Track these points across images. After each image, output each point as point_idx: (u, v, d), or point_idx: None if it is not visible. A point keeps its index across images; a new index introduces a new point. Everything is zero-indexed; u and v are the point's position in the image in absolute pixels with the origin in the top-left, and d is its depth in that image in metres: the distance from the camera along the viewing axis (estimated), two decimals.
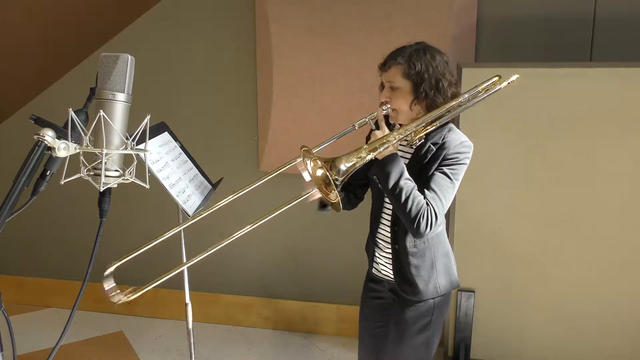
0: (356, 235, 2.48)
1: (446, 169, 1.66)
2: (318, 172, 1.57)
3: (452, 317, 2.80)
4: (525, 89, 2.38)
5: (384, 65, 1.73)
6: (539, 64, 2.53)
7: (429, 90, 1.65)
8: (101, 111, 1.05)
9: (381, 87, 1.76)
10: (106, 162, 1.06)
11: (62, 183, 1.04)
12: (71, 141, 1.05)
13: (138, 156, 1.10)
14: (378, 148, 1.58)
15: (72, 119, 1.04)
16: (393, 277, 1.85)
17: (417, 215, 1.59)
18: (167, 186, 2.09)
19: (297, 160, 1.68)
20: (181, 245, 2.32)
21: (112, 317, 3.53)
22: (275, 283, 3.39)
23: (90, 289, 3.96)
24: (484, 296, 2.74)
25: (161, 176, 2.08)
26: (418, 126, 1.64)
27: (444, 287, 1.82)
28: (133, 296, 1.26)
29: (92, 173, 1.07)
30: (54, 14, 2.82)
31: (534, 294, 2.69)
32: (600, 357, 2.68)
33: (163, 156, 2.17)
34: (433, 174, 1.66)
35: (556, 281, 2.65)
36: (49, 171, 1.08)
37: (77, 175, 1.06)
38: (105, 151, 1.05)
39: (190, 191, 2.22)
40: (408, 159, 1.75)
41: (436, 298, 1.82)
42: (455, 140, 1.68)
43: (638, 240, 2.54)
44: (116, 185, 1.08)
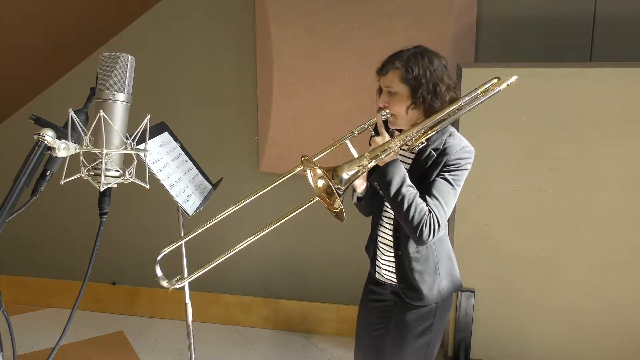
0: (356, 235, 2.47)
1: (448, 175, 1.64)
2: (319, 183, 1.56)
3: (452, 317, 2.80)
4: (525, 89, 2.39)
5: (382, 69, 1.71)
6: (539, 64, 2.53)
7: (427, 94, 1.63)
8: (101, 111, 1.05)
9: (379, 92, 1.75)
10: (106, 162, 1.06)
11: (62, 183, 1.04)
12: (71, 141, 1.05)
13: (138, 156, 1.10)
14: (379, 155, 1.57)
15: (72, 119, 1.04)
16: (396, 282, 1.83)
17: (420, 223, 1.58)
18: (167, 186, 2.09)
19: (298, 169, 1.67)
20: (181, 245, 2.31)
21: (112, 317, 3.53)
22: (275, 283, 3.39)
23: (90, 289, 3.97)
24: (484, 296, 2.74)
25: (161, 176, 2.08)
26: (418, 132, 1.63)
27: (447, 290, 1.82)
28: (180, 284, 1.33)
29: (92, 173, 1.07)
30: (54, 14, 2.82)
31: (534, 294, 2.69)
32: (600, 357, 2.68)
33: (163, 156, 2.17)
34: (434, 180, 1.65)
35: (556, 281, 2.65)
36: (49, 171, 1.08)
37: (77, 175, 1.06)
38: (105, 151, 1.05)
39: (190, 191, 2.22)
40: (409, 165, 1.74)
41: (438, 302, 1.81)
42: (456, 145, 1.67)
43: (638, 240, 2.54)
44: (116, 185, 1.08)
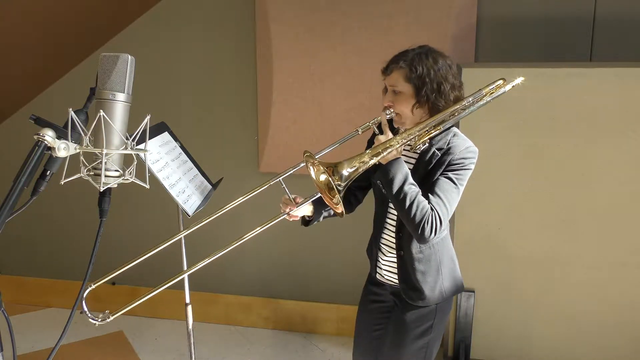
0: (356, 235, 2.48)
1: (451, 174, 1.64)
2: (321, 177, 1.57)
3: (452, 317, 2.80)
4: (525, 89, 2.38)
5: (386, 69, 1.71)
6: (539, 64, 2.53)
7: (431, 93, 1.64)
8: (101, 111, 1.05)
9: (384, 91, 1.75)
10: (106, 162, 1.06)
11: (62, 183, 1.04)
12: (71, 141, 1.05)
13: (138, 156, 1.10)
14: (381, 152, 1.58)
15: (72, 119, 1.04)
16: (398, 283, 1.83)
17: (422, 220, 1.58)
18: (167, 186, 2.09)
19: (300, 165, 1.68)
20: (181, 246, 2.31)
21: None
22: (275, 283, 3.39)
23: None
24: (484, 296, 2.74)
25: (161, 176, 2.08)
26: (422, 130, 1.63)
27: (450, 292, 1.82)
28: (108, 320, 1.32)
29: (92, 173, 1.07)
30: (54, 14, 2.82)
31: (534, 294, 2.69)
32: (600, 357, 2.68)
33: (163, 156, 2.17)
34: (438, 179, 1.65)
35: (556, 281, 2.65)
36: (49, 171, 1.08)
37: (77, 175, 1.06)
38: (105, 151, 1.05)
39: (190, 191, 2.22)
40: (412, 164, 1.74)
41: (438, 304, 1.81)
42: (460, 145, 1.67)
43: (638, 240, 2.54)
44: (116, 185, 1.08)
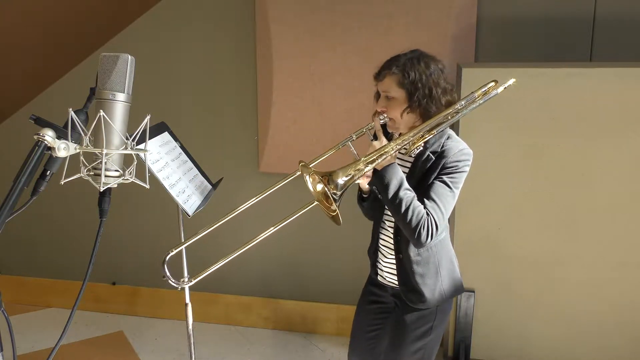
0: (356, 235, 2.48)
1: (446, 178, 1.65)
2: (317, 187, 1.58)
3: (452, 317, 2.80)
4: (525, 89, 2.38)
5: (379, 75, 1.72)
6: (539, 64, 2.53)
7: (422, 98, 1.64)
8: (101, 111, 1.05)
9: (376, 96, 1.76)
10: (106, 162, 1.06)
11: (62, 183, 1.04)
12: (71, 141, 1.05)
13: (138, 156, 1.10)
14: (376, 160, 1.59)
15: (72, 119, 1.04)
16: (398, 286, 1.84)
17: (418, 225, 1.59)
18: (167, 186, 2.09)
19: (295, 174, 1.69)
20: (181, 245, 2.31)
21: (112, 317, 3.53)
22: (275, 283, 3.39)
23: (90, 289, 3.95)
24: (484, 296, 2.74)
25: (161, 176, 2.08)
26: (415, 135, 1.64)
27: (449, 293, 1.82)
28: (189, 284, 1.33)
29: (92, 173, 1.07)
30: (54, 14, 2.82)
31: (534, 294, 2.69)
32: (600, 357, 2.68)
33: (163, 156, 2.17)
34: (433, 183, 1.65)
35: (556, 281, 2.65)
36: (49, 171, 1.08)
37: (77, 175, 1.06)
38: (105, 151, 1.05)
39: (190, 191, 2.22)
40: (407, 168, 1.75)
41: (438, 306, 1.82)
42: (454, 148, 1.67)
43: (638, 240, 2.54)
44: (116, 185, 1.08)
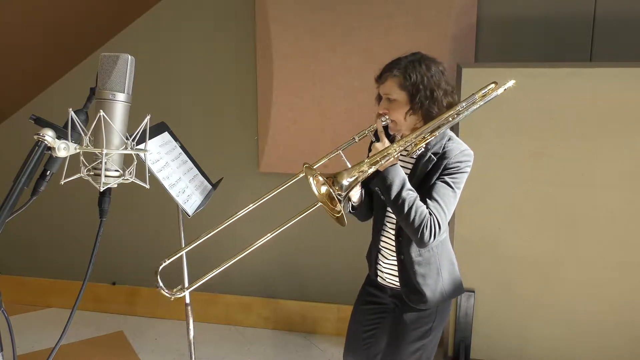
0: (356, 235, 2.48)
1: (448, 178, 1.67)
2: (322, 189, 1.59)
3: (452, 317, 2.80)
4: (525, 89, 2.38)
5: (380, 77, 1.74)
6: (539, 64, 2.53)
7: (424, 100, 1.66)
8: (101, 111, 1.05)
9: (378, 99, 1.78)
10: (106, 162, 1.06)
11: (62, 183, 1.04)
12: (71, 141, 1.05)
13: (138, 156, 1.10)
14: (379, 161, 1.60)
15: (72, 119, 1.04)
16: (399, 286, 1.84)
17: (421, 225, 1.61)
18: (167, 186, 2.09)
19: (299, 176, 1.70)
20: (181, 244, 2.31)
21: (112, 317, 3.53)
22: (275, 283, 3.39)
23: (90, 289, 3.95)
24: (484, 296, 2.74)
25: (161, 176, 2.08)
26: (417, 137, 1.65)
27: (450, 293, 1.83)
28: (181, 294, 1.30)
29: (92, 173, 1.07)
30: (54, 14, 2.82)
31: (534, 294, 2.69)
32: (600, 357, 2.68)
33: (163, 156, 2.17)
34: (435, 184, 1.67)
35: (556, 281, 2.65)
36: (49, 171, 1.08)
37: (77, 175, 1.06)
38: (105, 151, 1.05)
39: (190, 191, 2.22)
40: (409, 170, 1.76)
41: (438, 307, 1.83)
42: (455, 149, 1.69)
43: (638, 240, 2.54)
44: (116, 185, 1.08)
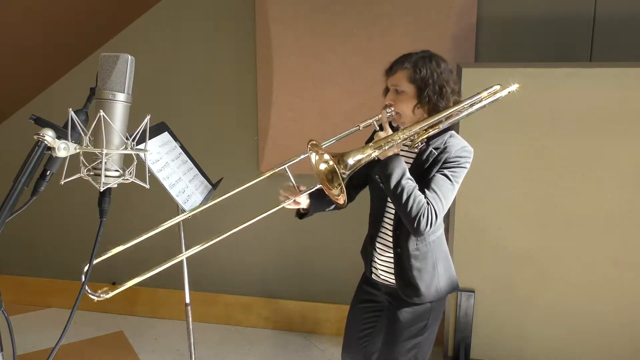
0: (356, 235, 2.47)
1: (447, 171, 1.70)
2: (321, 166, 1.61)
3: (452, 317, 2.80)
4: (525, 89, 2.38)
5: (391, 69, 1.77)
6: (539, 64, 2.53)
7: (433, 94, 1.70)
8: (101, 111, 1.05)
9: (385, 92, 1.81)
10: (106, 162, 1.06)
11: (62, 183, 1.04)
12: (71, 141, 1.05)
13: (138, 156, 1.10)
14: (383, 146, 1.63)
15: (72, 119, 1.04)
16: (394, 281, 1.85)
17: (418, 213, 1.63)
18: (167, 186, 2.09)
19: (302, 156, 1.69)
20: (181, 246, 2.32)
21: (112, 317, 3.53)
22: (275, 283, 3.39)
23: (90, 289, 3.95)
24: (484, 296, 2.74)
25: (161, 176, 2.08)
26: (421, 128, 1.69)
27: (445, 290, 1.85)
28: (109, 294, 1.27)
29: (92, 173, 1.07)
30: (54, 14, 2.82)
31: (534, 294, 2.69)
32: (599, 357, 2.68)
33: (163, 156, 2.17)
34: (434, 176, 1.70)
35: (556, 281, 2.65)
36: (49, 171, 1.08)
37: (77, 175, 1.06)
38: (105, 151, 1.05)
39: (190, 191, 2.22)
40: (410, 163, 1.78)
41: (433, 301, 1.84)
42: (456, 145, 1.73)
43: (638, 240, 2.54)
44: (116, 185, 1.08)
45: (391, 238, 1.84)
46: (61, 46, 3.12)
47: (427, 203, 1.64)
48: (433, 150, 1.73)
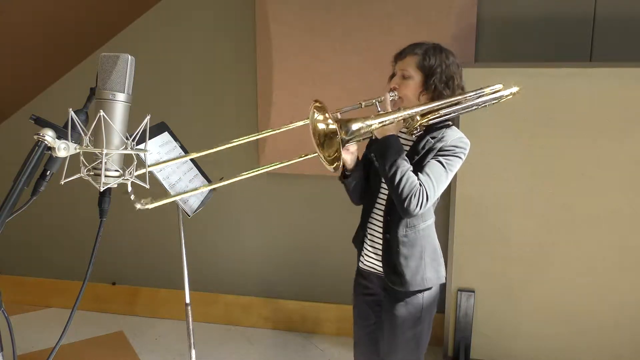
0: None
1: (442, 158, 1.72)
2: (320, 126, 1.59)
3: (452, 317, 2.80)
4: (525, 89, 2.38)
5: (401, 54, 1.80)
6: (539, 64, 2.53)
7: (439, 83, 1.72)
8: (101, 111, 1.05)
9: (390, 77, 1.83)
10: (106, 162, 1.06)
11: (62, 183, 1.04)
12: (71, 141, 1.05)
13: (138, 156, 1.10)
14: (385, 118, 1.64)
15: (72, 119, 1.04)
16: (381, 268, 1.88)
17: (410, 193, 1.65)
18: (167, 186, 2.09)
19: (310, 118, 1.61)
20: (181, 246, 2.32)
21: (112, 317, 3.53)
22: (275, 283, 3.39)
23: (90, 289, 3.96)
24: (484, 296, 2.74)
25: (161, 176, 2.08)
26: (423, 110, 1.71)
27: (430, 281, 1.86)
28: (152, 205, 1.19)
29: (92, 173, 1.07)
30: (54, 14, 2.82)
31: (534, 294, 2.69)
32: (599, 357, 2.68)
33: (163, 156, 2.17)
34: (429, 161, 1.73)
35: (556, 281, 2.65)
36: (49, 171, 1.08)
37: (77, 175, 1.06)
38: (105, 151, 1.05)
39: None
40: (406, 151, 1.80)
41: (424, 293, 1.86)
42: (454, 135, 1.76)
43: (638, 240, 2.54)
44: (116, 185, 1.08)
45: (382, 224, 1.86)
46: (61, 46, 3.12)
47: (420, 185, 1.66)
48: (430, 139, 1.75)
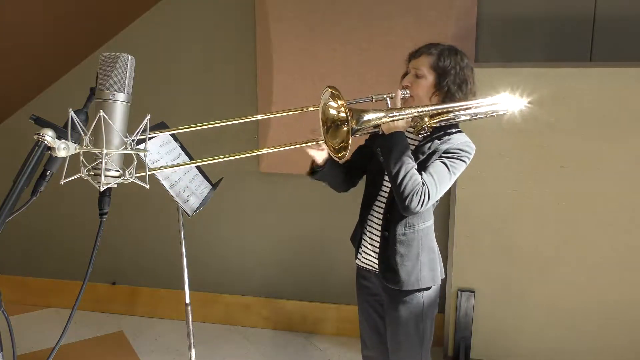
0: None
1: (446, 160, 1.72)
2: (331, 112, 1.53)
3: (452, 317, 2.80)
4: (525, 89, 2.38)
5: (416, 52, 1.80)
6: (540, 64, 2.53)
7: (452, 85, 1.72)
8: (101, 111, 1.05)
9: (403, 76, 1.83)
10: (106, 162, 1.06)
11: (62, 183, 1.04)
12: (71, 141, 1.05)
13: (138, 156, 1.10)
14: (396, 115, 1.63)
15: (72, 119, 1.04)
16: (377, 265, 1.89)
17: (412, 191, 1.65)
18: (167, 186, 2.09)
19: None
20: (181, 246, 2.32)
21: (112, 317, 3.53)
22: (275, 283, 3.39)
23: (90, 289, 3.96)
24: (484, 296, 2.74)
25: (161, 176, 2.08)
26: (432, 110, 1.70)
27: (426, 281, 1.86)
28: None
29: (92, 173, 1.07)
30: (54, 14, 2.82)
31: (534, 294, 2.69)
32: (600, 357, 2.68)
33: (163, 156, 2.17)
34: (433, 162, 1.73)
35: (556, 281, 2.65)
36: (49, 171, 1.08)
37: (77, 175, 1.06)
38: (105, 151, 1.05)
39: (190, 191, 2.22)
40: (412, 150, 1.79)
41: (424, 292, 1.87)
42: (460, 139, 1.76)
43: (638, 240, 2.54)
44: (116, 185, 1.08)
45: (381, 221, 1.87)
46: (61, 46, 3.12)
47: (422, 184, 1.66)
48: (436, 140, 1.75)
